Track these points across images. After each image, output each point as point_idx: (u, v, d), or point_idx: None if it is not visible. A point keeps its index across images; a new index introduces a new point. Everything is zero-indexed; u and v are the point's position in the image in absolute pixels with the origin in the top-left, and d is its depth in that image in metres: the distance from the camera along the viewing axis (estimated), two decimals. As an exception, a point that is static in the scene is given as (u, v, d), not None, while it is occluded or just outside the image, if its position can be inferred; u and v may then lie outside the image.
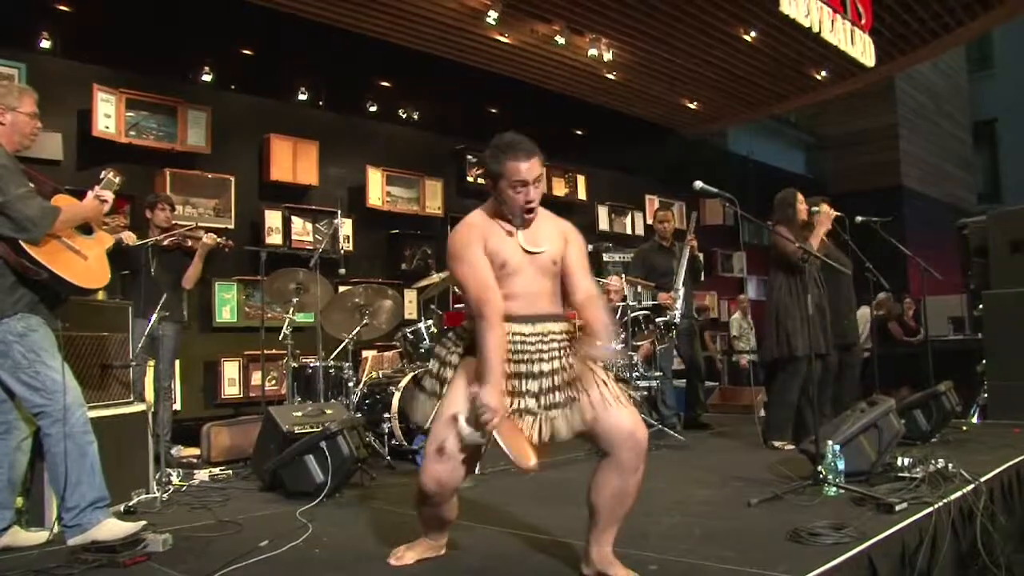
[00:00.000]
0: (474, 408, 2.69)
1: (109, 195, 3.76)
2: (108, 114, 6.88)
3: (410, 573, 3.02)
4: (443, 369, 2.98)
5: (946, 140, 18.95)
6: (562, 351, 2.88)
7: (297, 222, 8.17)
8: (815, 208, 6.22)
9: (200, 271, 6.04)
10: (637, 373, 6.44)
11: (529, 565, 3.09)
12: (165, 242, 5.80)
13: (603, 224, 11.43)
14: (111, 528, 3.45)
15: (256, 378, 7.55)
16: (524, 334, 2.84)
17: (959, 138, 20.05)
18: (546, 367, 2.84)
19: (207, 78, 7.91)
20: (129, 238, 5.66)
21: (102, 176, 3.82)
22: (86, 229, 3.72)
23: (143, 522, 3.56)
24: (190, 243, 5.92)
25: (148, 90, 7.22)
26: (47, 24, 6.86)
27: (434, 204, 9.25)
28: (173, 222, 6.08)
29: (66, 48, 6.95)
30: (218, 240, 5.97)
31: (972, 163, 20.77)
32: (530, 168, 2.89)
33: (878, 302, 10.20)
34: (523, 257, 2.91)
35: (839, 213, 6.31)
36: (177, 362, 7.13)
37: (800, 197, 6.11)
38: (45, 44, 6.84)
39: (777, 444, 5.86)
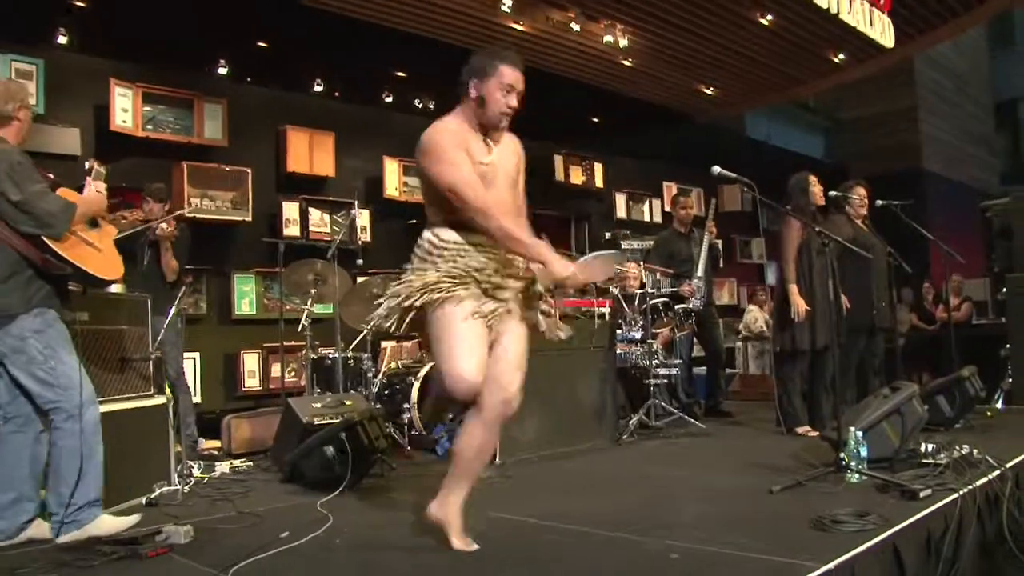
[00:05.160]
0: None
1: (103, 187, 3.77)
2: (125, 108, 6.90)
3: (435, 564, 3.01)
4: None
5: (967, 121, 18.70)
6: (522, 270, 3.12)
7: (315, 213, 8.18)
8: (835, 193, 6.18)
9: (171, 261, 5.79)
10: (657, 360, 6.42)
11: (554, 554, 3.08)
12: (150, 236, 5.64)
13: (621, 211, 11.38)
14: (105, 524, 3.46)
15: (276, 370, 7.58)
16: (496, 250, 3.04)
17: (981, 119, 19.78)
18: (512, 283, 3.08)
19: (223, 71, 7.92)
20: (161, 229, 5.63)
21: (88, 166, 3.81)
22: (92, 222, 3.73)
23: (137, 517, 3.58)
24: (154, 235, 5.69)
25: (164, 84, 7.23)
26: (64, 20, 6.88)
27: (451, 194, 9.18)
28: (160, 214, 5.77)
29: (83, 44, 6.98)
30: (164, 229, 5.68)
31: (994, 144, 20.50)
32: (518, 77, 3.09)
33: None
34: (496, 168, 3.08)
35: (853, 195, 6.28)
36: (197, 354, 7.19)
37: (814, 180, 6.02)
38: (62, 40, 6.87)
39: (799, 431, 5.84)
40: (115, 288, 4.44)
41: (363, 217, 8.34)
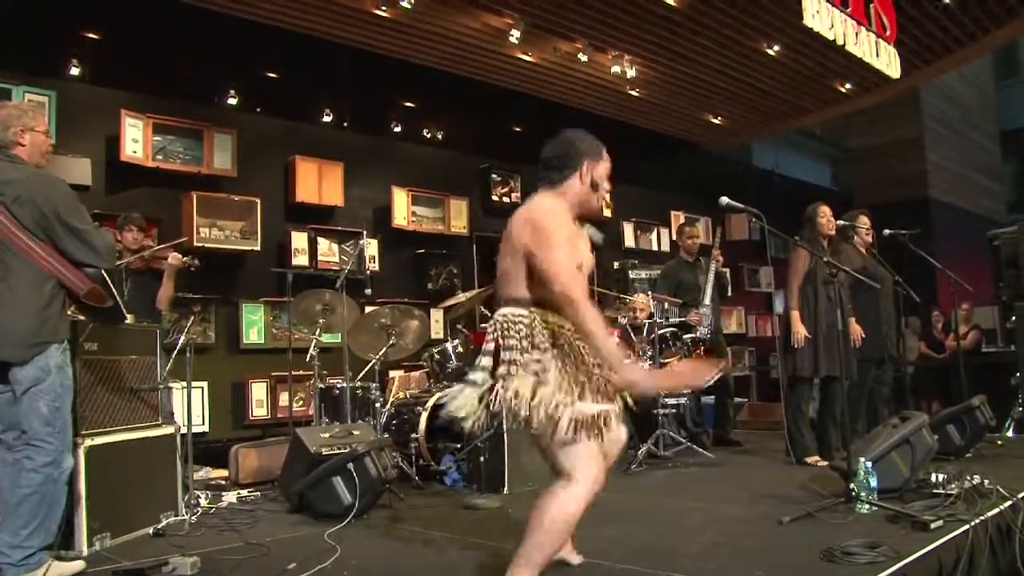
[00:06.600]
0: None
1: None
2: (135, 139, 6.94)
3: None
4: (537, 355, 2.71)
5: (973, 150, 18.74)
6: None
7: (323, 243, 8.20)
8: (841, 222, 6.18)
9: (171, 291, 5.75)
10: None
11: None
12: (135, 264, 5.56)
13: (628, 241, 11.38)
14: (53, 570, 3.40)
15: (284, 399, 7.56)
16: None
17: (986, 148, 19.83)
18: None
19: (232, 101, 7.97)
20: (176, 259, 5.64)
21: None
22: None
23: (81, 563, 3.51)
24: (158, 264, 5.69)
25: (174, 114, 7.28)
26: (76, 52, 6.94)
27: (459, 223, 9.25)
28: (143, 243, 5.76)
29: (94, 75, 7.03)
30: (183, 260, 5.70)
31: (1000, 173, 20.52)
32: None
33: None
34: (586, 262, 2.91)
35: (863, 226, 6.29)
36: (205, 383, 7.19)
37: (823, 211, 6.04)
38: (75, 71, 6.93)
39: (809, 461, 5.81)
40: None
41: (371, 247, 8.36)
